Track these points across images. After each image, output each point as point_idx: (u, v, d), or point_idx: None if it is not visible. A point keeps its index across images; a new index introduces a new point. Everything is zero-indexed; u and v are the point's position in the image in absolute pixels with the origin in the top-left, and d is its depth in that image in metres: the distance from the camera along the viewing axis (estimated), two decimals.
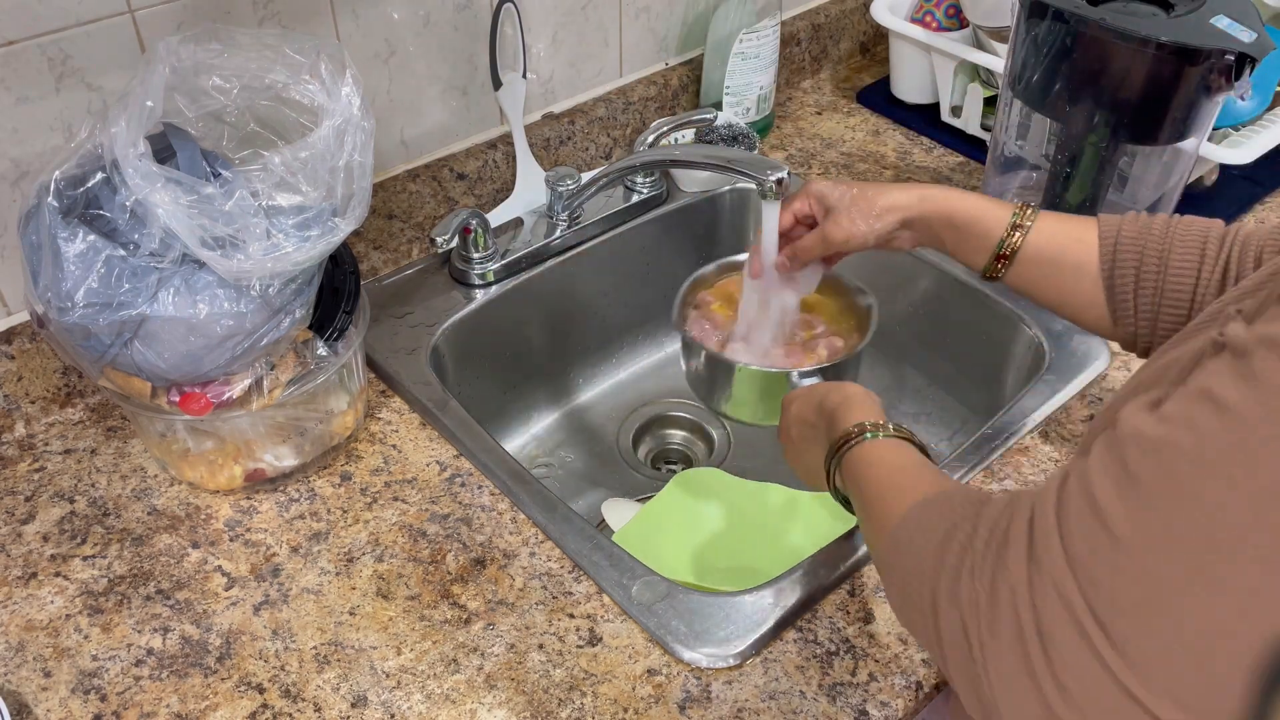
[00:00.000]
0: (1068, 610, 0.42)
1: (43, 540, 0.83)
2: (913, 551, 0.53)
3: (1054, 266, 0.79)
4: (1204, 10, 0.89)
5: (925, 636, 0.51)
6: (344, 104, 0.74)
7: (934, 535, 0.52)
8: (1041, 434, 0.91)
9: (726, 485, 1.01)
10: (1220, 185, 1.18)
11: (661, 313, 1.24)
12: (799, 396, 0.79)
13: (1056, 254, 0.79)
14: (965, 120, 1.27)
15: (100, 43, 0.83)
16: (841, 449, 0.68)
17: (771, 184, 0.86)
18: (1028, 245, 0.79)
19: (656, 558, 0.86)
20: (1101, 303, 0.77)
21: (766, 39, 1.19)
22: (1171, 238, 0.75)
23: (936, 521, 0.53)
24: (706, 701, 0.72)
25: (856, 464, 0.67)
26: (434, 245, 0.97)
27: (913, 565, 0.52)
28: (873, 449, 0.67)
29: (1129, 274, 0.76)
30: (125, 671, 0.74)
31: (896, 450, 0.66)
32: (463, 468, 0.88)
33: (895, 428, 0.68)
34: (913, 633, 0.54)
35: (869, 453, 0.67)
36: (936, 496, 0.56)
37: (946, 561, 0.49)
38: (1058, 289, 0.80)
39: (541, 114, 1.17)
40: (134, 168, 0.68)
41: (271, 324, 0.76)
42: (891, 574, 0.56)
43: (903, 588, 0.53)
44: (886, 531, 0.57)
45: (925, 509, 0.55)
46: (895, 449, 0.66)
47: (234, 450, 0.83)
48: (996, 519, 0.48)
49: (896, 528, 0.56)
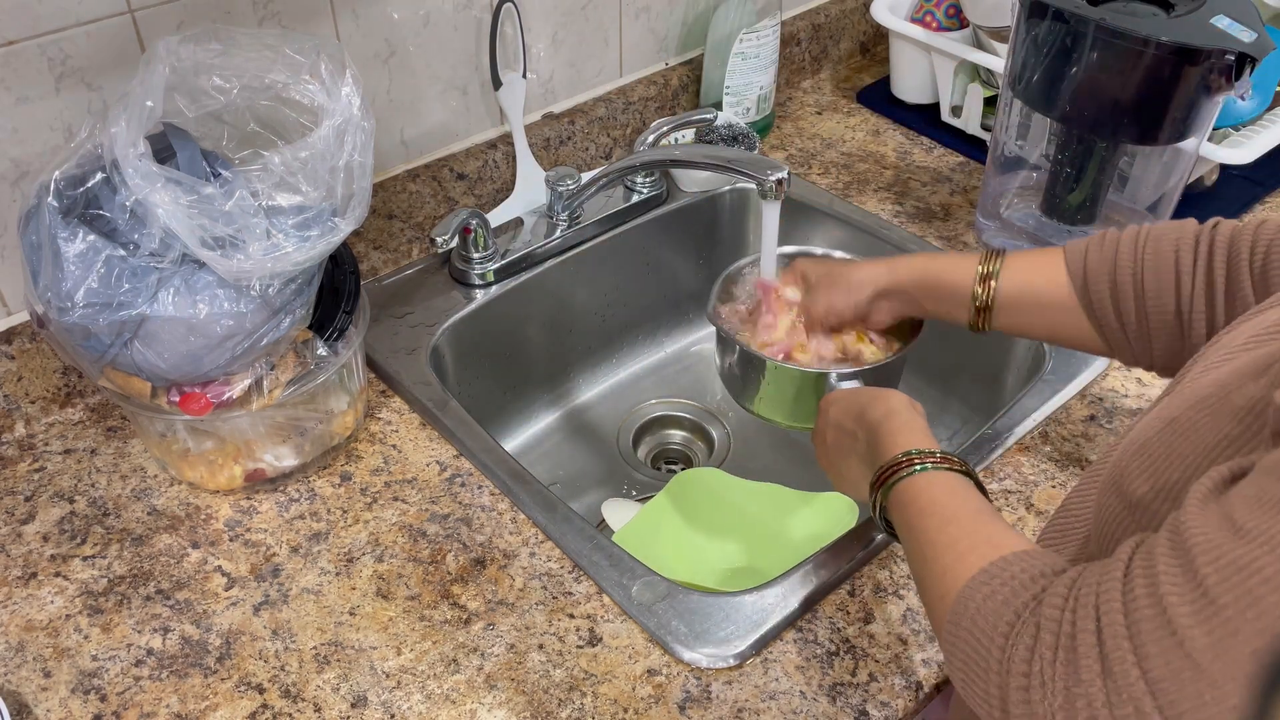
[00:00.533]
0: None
1: (43, 540, 0.83)
2: (975, 640, 0.52)
3: (1034, 309, 0.78)
4: (1204, 10, 0.89)
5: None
6: (344, 104, 0.74)
7: (997, 625, 0.50)
8: (1041, 434, 0.91)
9: (726, 485, 1.01)
10: (1220, 185, 1.18)
11: (662, 312, 1.24)
12: (838, 400, 0.77)
13: (1032, 298, 0.78)
14: (965, 120, 1.27)
15: (100, 43, 0.83)
16: (888, 478, 0.65)
17: (771, 184, 0.86)
18: (1001, 294, 0.78)
19: (656, 558, 0.86)
20: (1094, 333, 0.76)
21: (766, 39, 1.19)
22: (1141, 258, 0.73)
23: (999, 609, 0.51)
24: (706, 701, 0.72)
25: (905, 504, 0.64)
26: (434, 245, 0.97)
27: (977, 657, 0.51)
28: (924, 487, 0.63)
29: (1106, 304, 0.74)
30: (125, 672, 0.74)
31: (949, 491, 0.62)
32: (463, 468, 0.88)
33: (943, 455, 0.65)
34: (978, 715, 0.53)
35: (920, 492, 0.63)
36: (996, 569, 0.54)
37: (1013, 665, 0.48)
38: (1046, 329, 0.79)
39: (541, 114, 1.17)
40: (134, 168, 0.68)
41: (271, 324, 0.76)
42: (952, 656, 0.54)
43: (965, 675, 0.52)
44: (945, 603, 0.55)
45: (985, 588, 0.53)
46: (947, 488, 0.63)
47: (234, 450, 0.83)
48: (1060, 619, 0.47)
49: (956, 607, 0.54)
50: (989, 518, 0.59)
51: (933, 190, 1.21)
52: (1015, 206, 1.10)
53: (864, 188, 1.22)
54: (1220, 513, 0.42)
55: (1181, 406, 0.52)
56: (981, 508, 0.61)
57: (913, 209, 1.18)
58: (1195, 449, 0.49)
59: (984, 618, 0.51)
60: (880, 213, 1.18)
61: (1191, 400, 0.52)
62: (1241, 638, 0.40)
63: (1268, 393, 0.45)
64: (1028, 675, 0.47)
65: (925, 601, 0.59)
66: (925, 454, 0.65)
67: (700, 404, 1.21)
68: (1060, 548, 0.63)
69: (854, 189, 1.22)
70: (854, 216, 1.17)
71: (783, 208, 0.88)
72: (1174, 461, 0.50)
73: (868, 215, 1.17)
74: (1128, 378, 0.97)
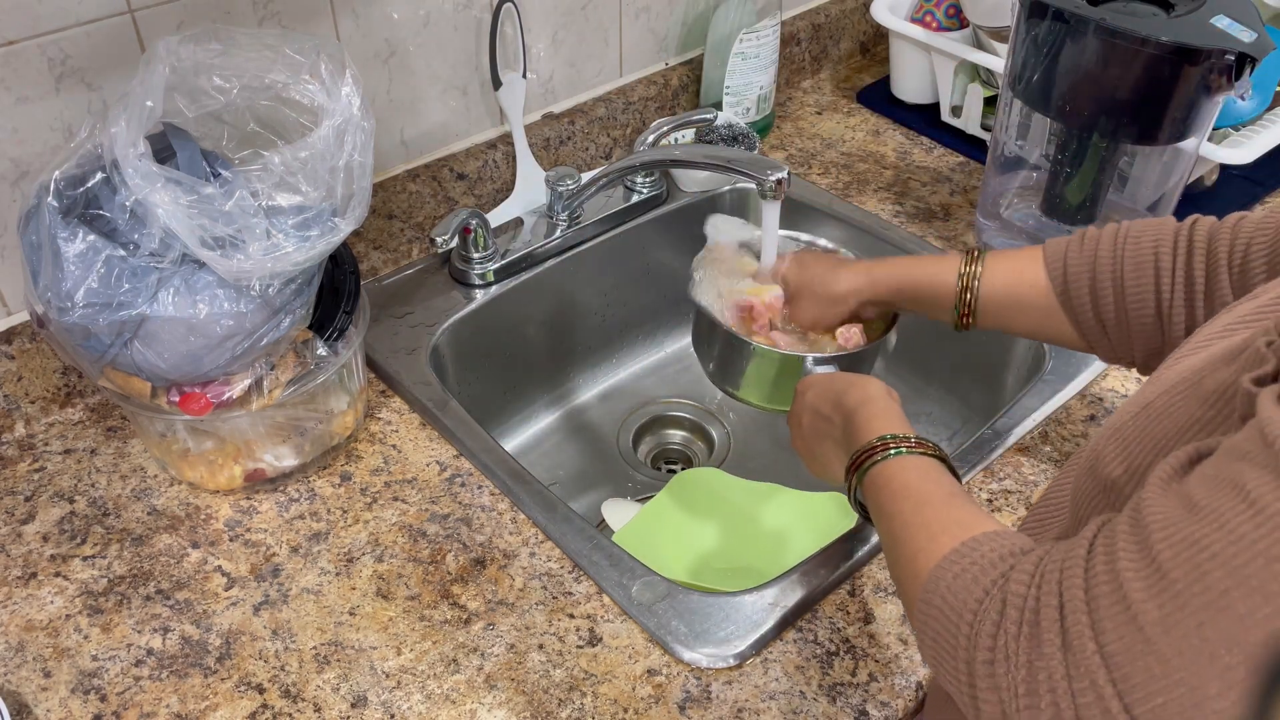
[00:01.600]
0: (1102, 705, 0.43)
1: (43, 540, 0.83)
2: (944, 618, 0.53)
3: (1016, 310, 0.79)
4: (1204, 10, 0.89)
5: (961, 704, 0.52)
6: (344, 104, 0.74)
7: (966, 603, 0.51)
8: (1041, 434, 0.91)
9: (726, 485, 1.01)
10: (1220, 185, 1.18)
11: (662, 312, 1.24)
12: (814, 385, 0.77)
13: (1013, 300, 0.79)
14: (965, 120, 1.27)
15: (100, 43, 0.83)
16: (864, 462, 0.66)
17: (771, 184, 0.86)
18: (983, 297, 0.79)
19: (656, 557, 0.86)
20: (1073, 332, 0.77)
21: (766, 39, 1.19)
22: (1121, 257, 0.73)
23: (968, 586, 0.52)
24: (706, 701, 0.72)
25: (880, 487, 0.65)
26: (434, 245, 0.97)
27: (946, 634, 0.52)
28: (897, 471, 0.64)
29: (1085, 305, 0.75)
30: (125, 672, 0.74)
31: (922, 475, 0.63)
32: (463, 468, 0.88)
33: (918, 440, 0.66)
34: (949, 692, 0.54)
35: (894, 476, 0.64)
36: (966, 548, 0.55)
37: (980, 640, 0.49)
38: (1029, 328, 0.80)
39: (541, 114, 1.17)
40: (134, 167, 0.68)
41: (271, 324, 0.76)
42: (923, 634, 0.55)
43: (935, 653, 0.53)
44: (917, 583, 0.56)
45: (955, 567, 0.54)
46: (920, 472, 0.64)
47: (234, 450, 0.83)
48: (1025, 595, 0.48)
49: (927, 586, 0.55)
50: (961, 500, 0.60)
51: (933, 190, 1.21)
52: (1015, 206, 1.10)
53: (864, 188, 1.22)
54: (1180, 492, 0.43)
55: (1156, 392, 0.53)
56: (954, 491, 0.62)
57: (913, 209, 1.18)
58: (1167, 432, 0.50)
59: (954, 595, 0.53)
60: (880, 213, 1.18)
61: (1165, 385, 0.53)
62: (1189, 611, 0.40)
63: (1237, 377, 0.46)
64: (993, 650, 0.48)
65: (897, 582, 0.60)
66: (900, 439, 0.66)
67: (700, 404, 1.21)
68: (1037, 536, 0.64)
69: (854, 189, 1.22)
70: (854, 216, 1.17)
71: (783, 207, 0.88)
72: (1146, 444, 0.51)
73: (868, 215, 1.17)
74: (1128, 378, 0.97)
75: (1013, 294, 0.78)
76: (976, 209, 1.14)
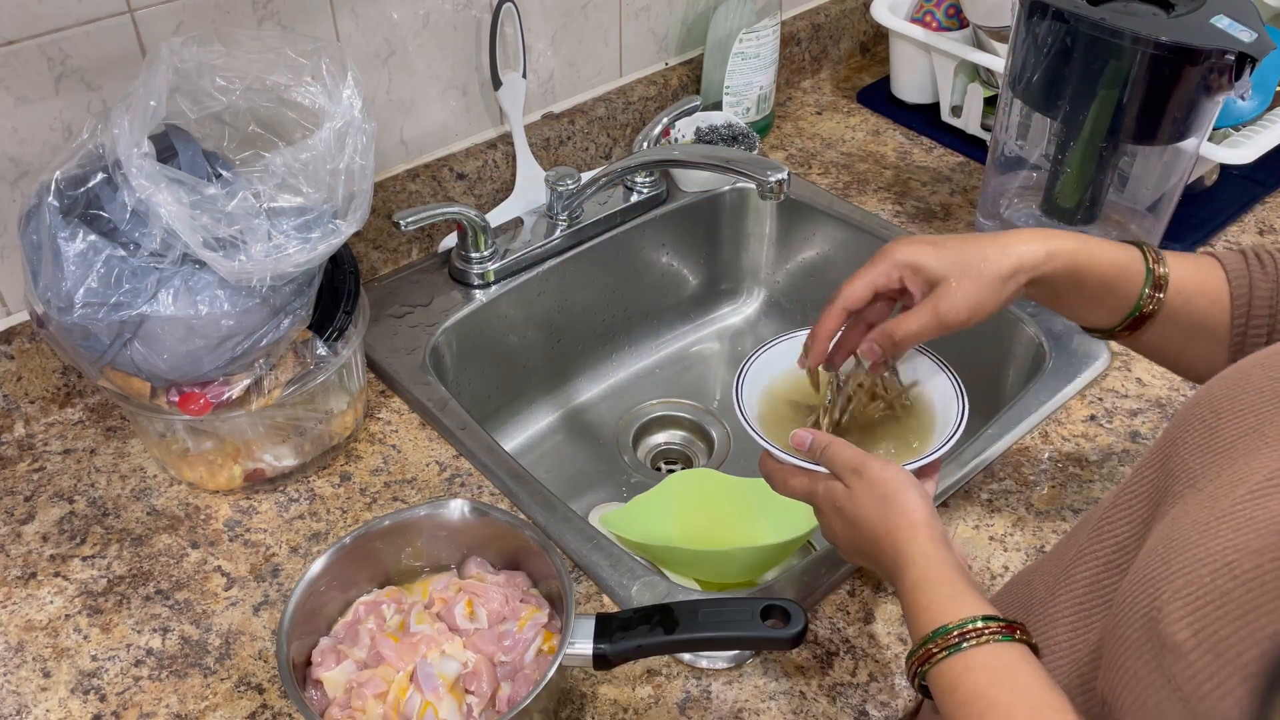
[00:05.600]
0: None
1: (42, 540, 0.83)
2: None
3: (1183, 328, 0.69)
4: (1204, 10, 0.89)
5: None
6: (345, 106, 0.74)
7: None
8: (1041, 434, 0.91)
9: (720, 484, 1.01)
10: (1220, 185, 1.18)
11: (662, 312, 1.24)
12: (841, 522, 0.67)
13: (1188, 316, 0.69)
14: (965, 120, 1.27)
15: (100, 43, 0.83)
16: (930, 657, 0.56)
17: (772, 184, 0.86)
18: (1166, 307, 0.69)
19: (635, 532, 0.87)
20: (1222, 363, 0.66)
21: (766, 39, 1.19)
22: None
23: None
24: (706, 701, 0.72)
25: (944, 692, 0.56)
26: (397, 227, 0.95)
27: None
28: (963, 672, 0.55)
29: (1261, 332, 0.66)
30: (125, 672, 0.74)
31: (992, 679, 0.54)
32: (462, 468, 0.88)
33: (985, 622, 0.55)
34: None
35: (964, 684, 0.54)
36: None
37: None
38: (1179, 350, 0.71)
39: (541, 114, 1.17)
40: (137, 167, 0.68)
41: (271, 324, 0.76)
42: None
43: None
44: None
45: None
46: (990, 674, 0.54)
47: (233, 450, 0.83)
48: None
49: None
50: (1046, 715, 0.51)
51: (933, 190, 1.21)
52: (1015, 206, 1.10)
53: (864, 188, 1.22)
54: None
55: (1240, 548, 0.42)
56: (1034, 707, 0.52)
57: (913, 209, 1.18)
58: (1259, 602, 0.40)
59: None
60: (880, 213, 1.18)
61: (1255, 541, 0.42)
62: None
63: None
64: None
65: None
66: (972, 630, 0.56)
67: (700, 404, 1.21)
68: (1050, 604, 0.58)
69: (854, 189, 1.22)
70: (854, 216, 1.17)
71: (783, 208, 0.88)
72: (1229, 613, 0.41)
73: (868, 215, 1.17)
74: (1128, 378, 0.97)
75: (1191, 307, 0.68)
76: (977, 209, 1.14)
